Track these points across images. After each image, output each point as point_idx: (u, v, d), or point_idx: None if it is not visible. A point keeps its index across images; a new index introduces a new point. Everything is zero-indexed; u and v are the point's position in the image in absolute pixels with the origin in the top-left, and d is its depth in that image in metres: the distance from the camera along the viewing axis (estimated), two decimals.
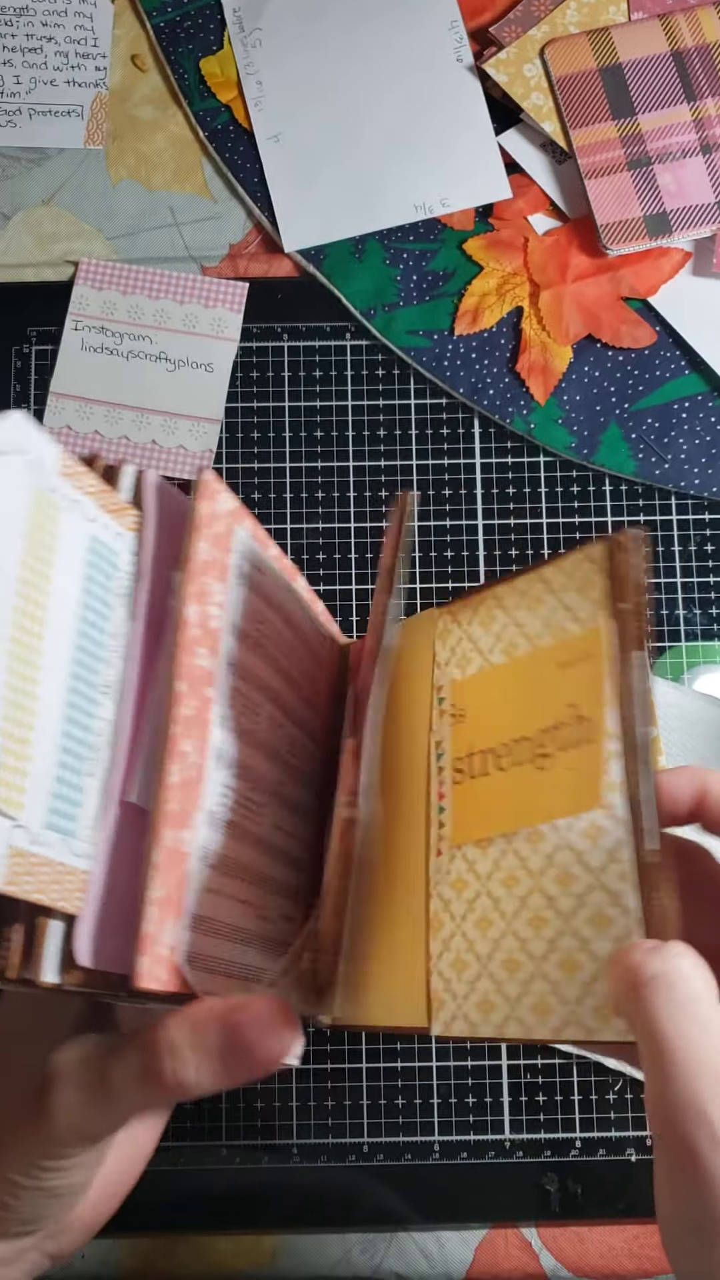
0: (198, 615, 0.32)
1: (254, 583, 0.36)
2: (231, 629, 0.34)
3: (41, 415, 0.59)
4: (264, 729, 0.36)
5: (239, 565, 0.35)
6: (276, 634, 0.37)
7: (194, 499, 0.33)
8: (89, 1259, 0.53)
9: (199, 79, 0.62)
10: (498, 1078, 0.53)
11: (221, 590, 0.34)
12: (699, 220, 0.58)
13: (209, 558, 0.33)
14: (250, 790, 0.35)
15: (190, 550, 0.32)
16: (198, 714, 0.32)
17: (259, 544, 0.37)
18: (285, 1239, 0.53)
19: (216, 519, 0.34)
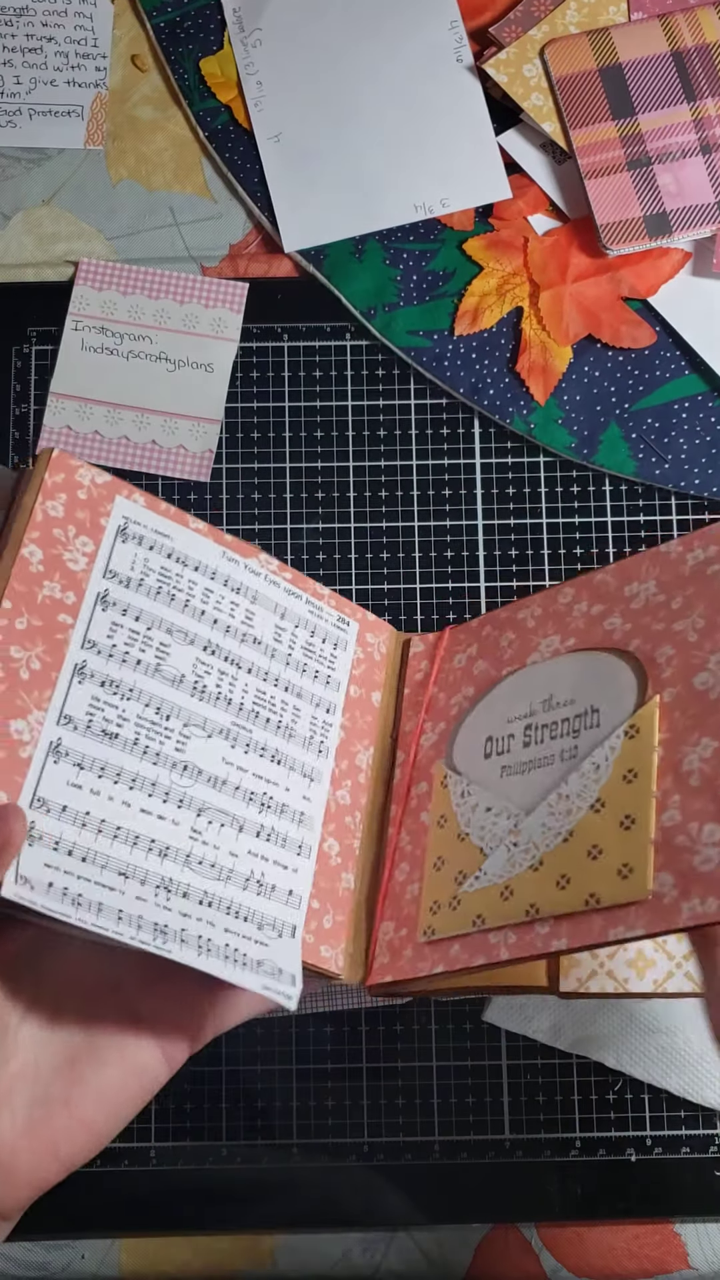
0: (41, 556, 0.43)
1: (153, 543, 0.46)
2: (107, 574, 0.45)
3: (41, 415, 0.59)
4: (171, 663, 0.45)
5: (120, 525, 0.46)
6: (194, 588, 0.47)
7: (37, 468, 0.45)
8: (89, 1259, 0.53)
9: (199, 79, 0.62)
10: (498, 1078, 0.53)
11: (88, 543, 0.45)
12: (699, 220, 0.58)
13: (63, 515, 0.45)
14: (142, 709, 0.44)
15: (23, 501, 0.44)
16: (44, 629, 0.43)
17: (161, 515, 0.47)
18: (285, 1239, 0.53)
19: (75, 486, 0.45)
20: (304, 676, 0.47)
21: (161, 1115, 0.53)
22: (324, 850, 0.46)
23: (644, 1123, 0.53)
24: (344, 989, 0.53)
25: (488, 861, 0.42)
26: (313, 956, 0.44)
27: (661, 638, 0.42)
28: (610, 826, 0.40)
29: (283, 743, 0.46)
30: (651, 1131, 0.53)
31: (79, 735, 0.43)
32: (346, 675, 0.48)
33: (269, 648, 0.47)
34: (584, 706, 0.43)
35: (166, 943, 0.41)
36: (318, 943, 0.45)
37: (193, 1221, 0.53)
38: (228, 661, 0.46)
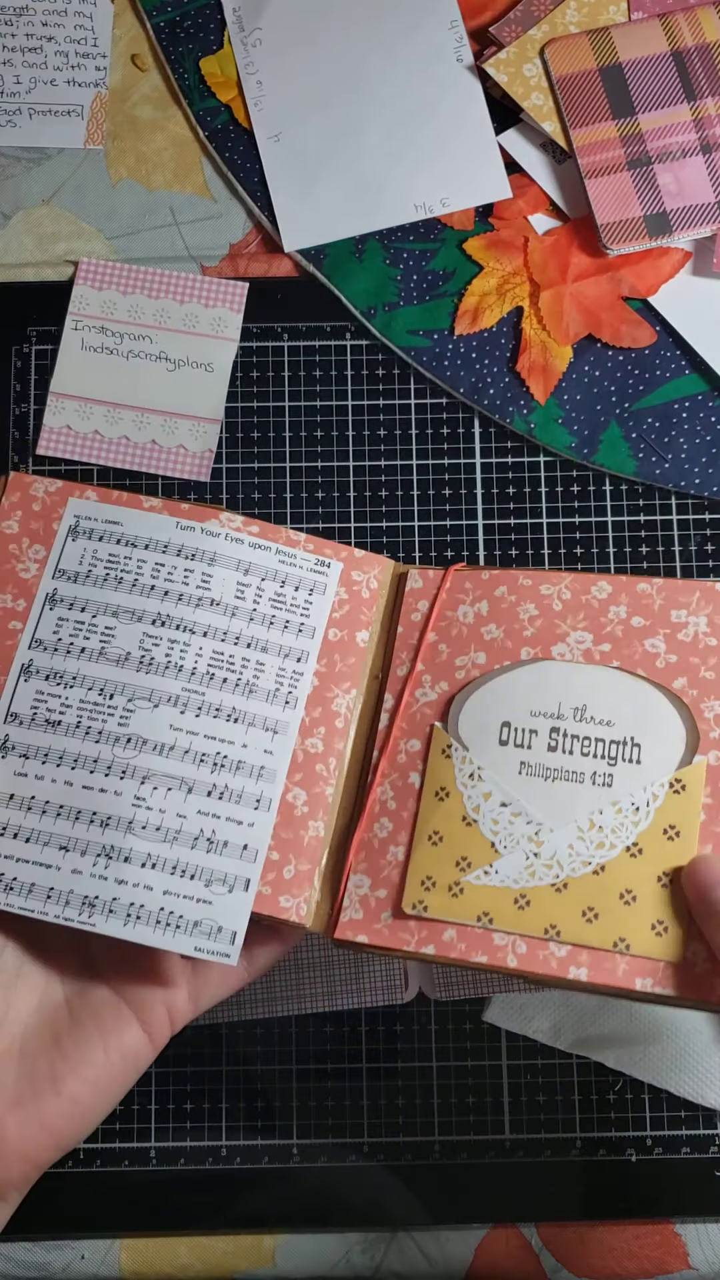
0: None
1: (102, 534, 0.48)
2: (56, 574, 0.47)
3: (41, 415, 0.59)
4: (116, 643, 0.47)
5: (71, 524, 0.48)
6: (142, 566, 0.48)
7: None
8: (89, 1259, 0.53)
9: (199, 79, 0.62)
10: (498, 1078, 0.53)
11: (40, 550, 0.48)
12: (699, 220, 0.58)
13: (18, 530, 0.48)
14: (85, 694, 0.46)
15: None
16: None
17: (113, 504, 0.49)
18: (285, 1239, 0.53)
19: (29, 501, 0.48)
20: (271, 629, 0.47)
21: (161, 1115, 0.53)
22: (287, 801, 0.46)
23: (644, 1123, 0.53)
24: (345, 989, 0.53)
25: (501, 860, 0.42)
26: (269, 907, 0.45)
27: (710, 689, 0.42)
28: (646, 877, 0.40)
29: (242, 700, 0.46)
30: (652, 1132, 0.53)
31: (24, 729, 0.46)
32: (324, 620, 0.48)
33: (228, 607, 0.47)
34: (623, 735, 0.42)
35: (92, 916, 0.43)
36: (276, 893, 0.45)
37: (193, 1222, 0.53)
38: (179, 629, 0.46)
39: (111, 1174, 0.53)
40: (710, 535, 0.58)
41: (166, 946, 0.43)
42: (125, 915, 0.43)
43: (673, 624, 0.43)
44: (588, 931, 0.40)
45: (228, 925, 0.43)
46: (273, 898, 0.45)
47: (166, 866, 0.44)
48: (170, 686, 0.46)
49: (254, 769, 0.46)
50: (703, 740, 0.41)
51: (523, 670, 0.45)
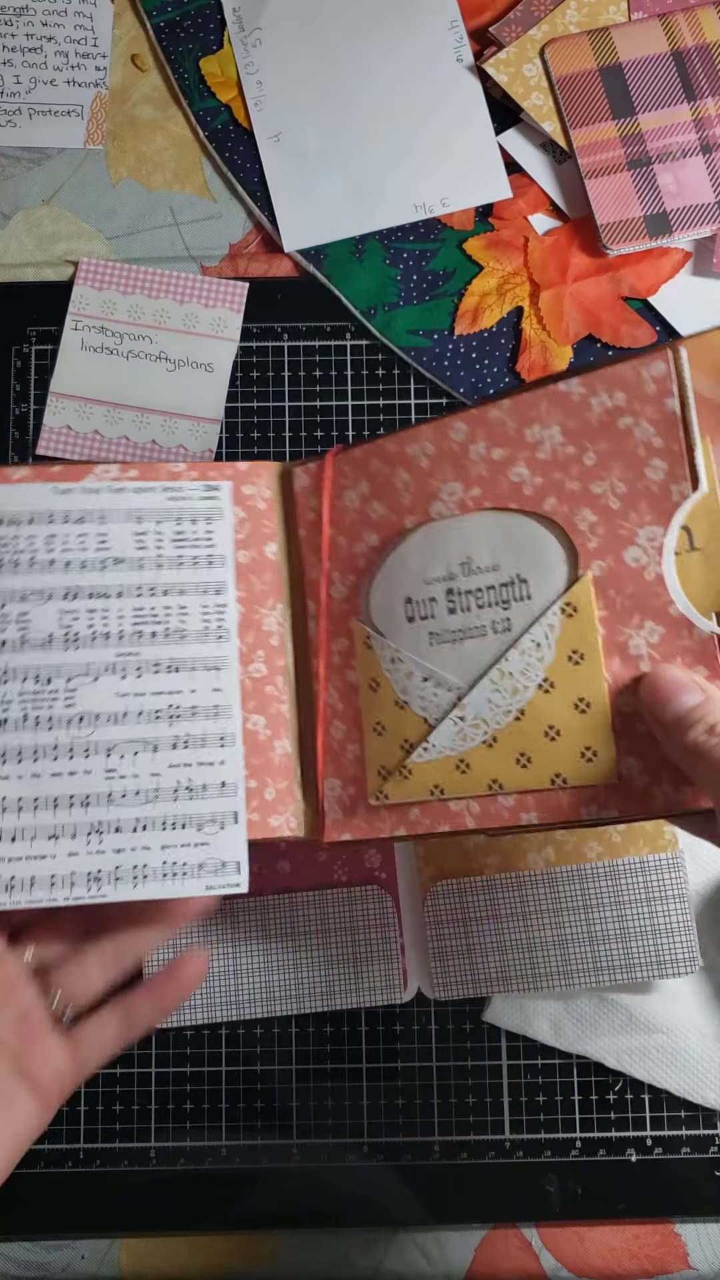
0: None
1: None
2: None
3: (41, 415, 0.59)
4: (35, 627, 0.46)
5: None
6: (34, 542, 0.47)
7: None
8: (88, 1259, 0.53)
9: (199, 79, 0.62)
10: (498, 1078, 0.53)
11: None
12: (699, 220, 0.58)
13: None
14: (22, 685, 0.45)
15: None
16: None
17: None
18: (285, 1239, 0.53)
19: None
20: (182, 570, 0.47)
21: (161, 1115, 0.53)
22: (249, 730, 0.47)
23: (644, 1123, 0.53)
24: (343, 989, 0.53)
25: (435, 734, 0.42)
26: (262, 831, 0.46)
27: (579, 499, 0.40)
28: (564, 708, 0.39)
29: (176, 648, 0.46)
30: (652, 1132, 0.53)
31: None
32: (230, 544, 0.47)
33: (135, 560, 0.46)
34: (509, 575, 0.41)
35: (102, 888, 0.44)
36: (264, 817, 0.46)
37: (192, 1221, 0.53)
38: (93, 598, 0.46)
39: (111, 1174, 0.53)
40: None
41: (180, 893, 0.44)
42: (132, 879, 0.44)
43: (529, 444, 0.41)
44: (525, 776, 0.40)
45: (229, 858, 0.44)
46: (262, 822, 0.46)
47: (156, 824, 0.45)
48: (103, 656, 0.46)
49: (209, 710, 0.46)
50: (582, 555, 0.40)
51: (408, 542, 0.44)
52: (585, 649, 0.39)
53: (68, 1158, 0.53)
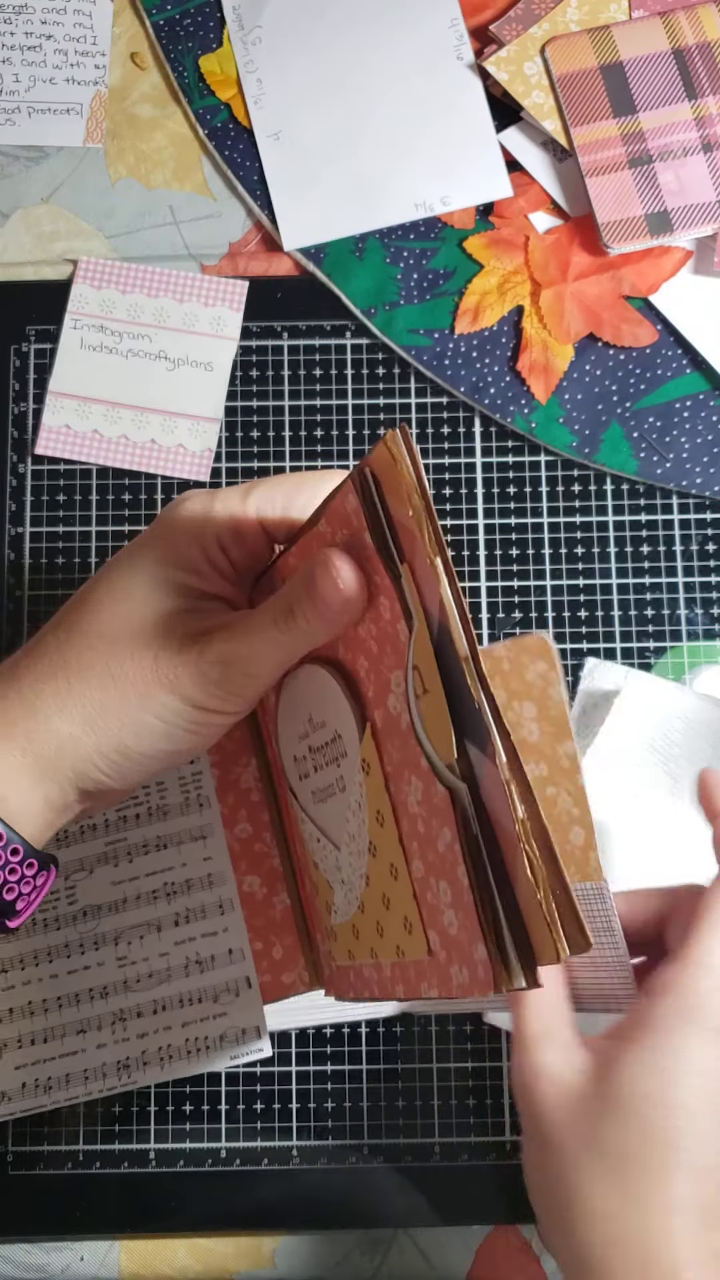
0: None
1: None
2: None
3: (40, 414, 0.58)
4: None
5: None
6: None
7: None
8: (88, 1261, 0.53)
9: (198, 77, 0.61)
10: (499, 1079, 0.53)
11: None
12: (700, 218, 0.58)
13: None
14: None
15: None
16: None
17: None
18: (285, 1240, 0.53)
19: None
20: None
21: (161, 1116, 0.53)
22: (245, 892, 0.48)
23: None
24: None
25: (334, 894, 0.40)
26: (277, 991, 0.47)
27: (356, 645, 0.36)
28: (385, 875, 0.35)
29: (160, 825, 0.48)
30: None
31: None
32: None
33: None
34: (332, 731, 0.38)
35: (132, 1075, 0.47)
36: (276, 976, 0.47)
37: (192, 1223, 0.53)
38: None
39: (111, 1175, 0.53)
40: (711, 535, 0.57)
41: (205, 1069, 0.47)
42: (159, 1061, 0.46)
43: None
44: (384, 945, 0.36)
45: (249, 1024, 0.47)
46: (275, 981, 0.47)
47: (174, 1003, 0.47)
48: (93, 848, 0.48)
49: (202, 879, 0.48)
50: (367, 706, 0.36)
51: (283, 698, 0.42)
52: (383, 809, 0.35)
53: (67, 1159, 0.53)
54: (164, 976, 0.47)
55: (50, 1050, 0.47)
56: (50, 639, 0.38)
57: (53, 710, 0.37)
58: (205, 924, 0.48)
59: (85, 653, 0.37)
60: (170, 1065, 0.47)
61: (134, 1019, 0.47)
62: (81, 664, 0.37)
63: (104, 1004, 0.47)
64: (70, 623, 0.38)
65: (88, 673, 0.37)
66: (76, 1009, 0.47)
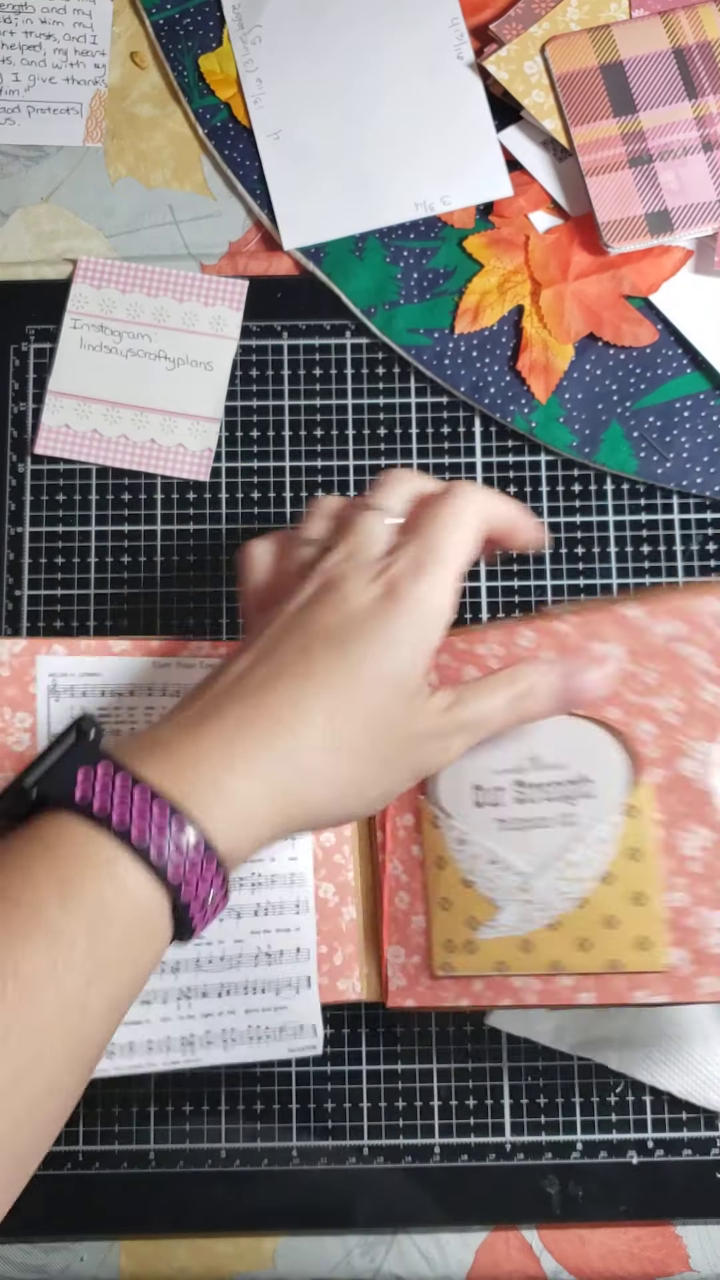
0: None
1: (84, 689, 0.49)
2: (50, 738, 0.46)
3: (40, 414, 0.58)
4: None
5: (49, 685, 0.48)
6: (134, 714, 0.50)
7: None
8: (88, 1261, 0.53)
9: (198, 76, 0.61)
10: (498, 1079, 0.53)
11: (27, 718, 0.47)
12: (701, 218, 0.58)
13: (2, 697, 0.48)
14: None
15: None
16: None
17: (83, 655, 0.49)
18: (285, 1241, 0.53)
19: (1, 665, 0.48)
20: None
21: (161, 1117, 0.53)
22: (320, 897, 0.50)
23: (645, 1125, 0.53)
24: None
25: (501, 914, 0.45)
26: (331, 995, 0.49)
27: (640, 712, 0.44)
28: (622, 900, 0.43)
29: None
30: (653, 1134, 0.53)
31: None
32: None
33: None
34: (575, 774, 0.45)
35: (195, 1052, 0.47)
36: (333, 981, 0.50)
37: (192, 1223, 0.53)
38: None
39: (111, 1175, 0.53)
40: (712, 535, 0.57)
41: (263, 1057, 0.48)
42: (222, 1042, 0.47)
43: (594, 658, 0.45)
44: (585, 960, 0.43)
45: (306, 1021, 0.48)
46: (331, 985, 0.49)
47: (239, 989, 0.48)
48: None
49: (286, 877, 0.50)
50: (642, 762, 0.43)
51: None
52: (643, 847, 0.43)
53: (67, 1159, 0.53)
54: (234, 962, 0.48)
55: None
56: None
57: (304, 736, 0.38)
58: (281, 919, 0.49)
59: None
60: (232, 1048, 0.48)
61: (199, 998, 0.48)
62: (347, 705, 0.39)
63: (173, 979, 0.48)
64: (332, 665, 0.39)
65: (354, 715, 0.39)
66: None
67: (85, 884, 0.34)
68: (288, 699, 0.38)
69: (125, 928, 0.34)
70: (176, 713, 0.39)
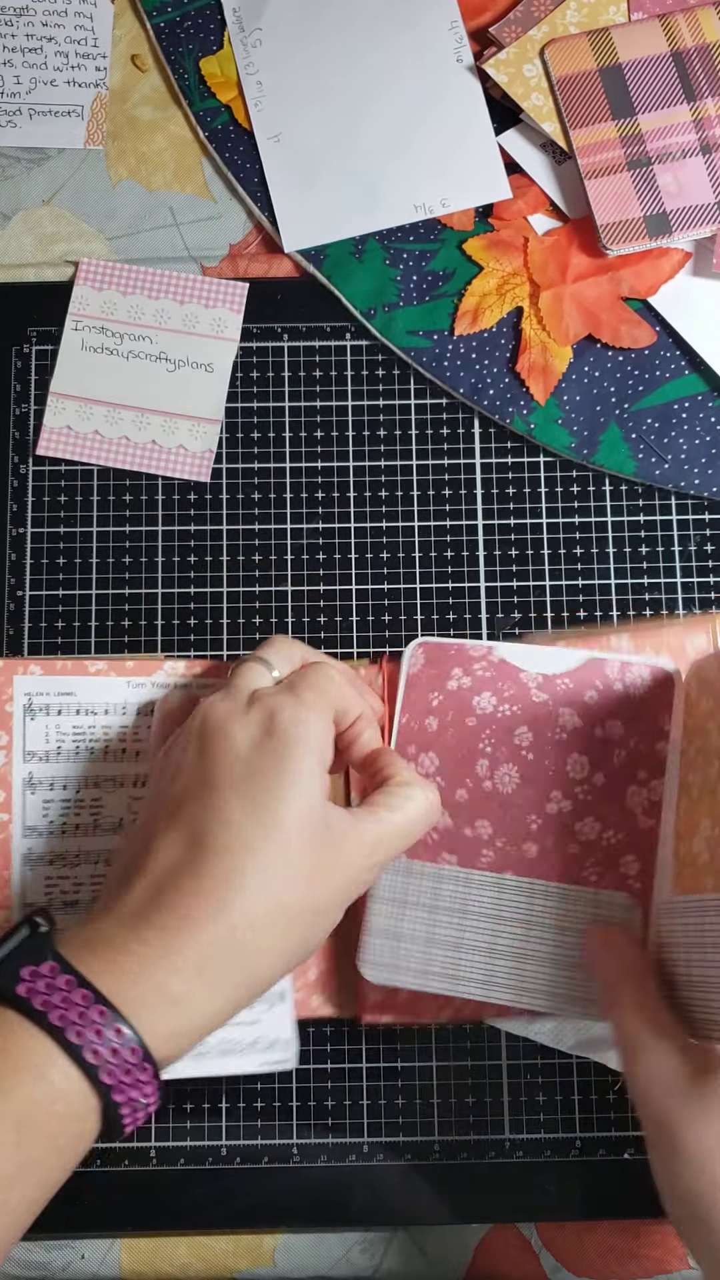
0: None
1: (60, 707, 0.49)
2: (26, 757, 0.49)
3: (41, 415, 0.59)
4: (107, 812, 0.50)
5: (25, 703, 0.49)
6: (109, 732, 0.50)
7: None
8: (89, 1259, 0.53)
9: (199, 79, 0.62)
10: (498, 1078, 0.53)
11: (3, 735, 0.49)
12: (699, 220, 0.58)
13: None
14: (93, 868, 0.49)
15: None
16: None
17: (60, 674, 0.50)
18: (285, 1239, 0.53)
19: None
20: None
21: (161, 1115, 0.53)
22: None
23: None
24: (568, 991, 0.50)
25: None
26: (306, 1010, 0.50)
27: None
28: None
29: None
30: None
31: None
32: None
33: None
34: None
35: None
36: (307, 996, 0.50)
37: (193, 1221, 0.53)
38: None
39: (111, 1174, 0.53)
40: (710, 535, 0.58)
41: (234, 1070, 0.48)
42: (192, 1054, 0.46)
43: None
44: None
45: (278, 1035, 0.49)
46: (305, 1000, 0.50)
47: None
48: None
49: None
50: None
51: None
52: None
53: None
54: None
55: None
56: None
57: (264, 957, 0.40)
58: None
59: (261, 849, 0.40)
60: (204, 1061, 0.48)
61: None
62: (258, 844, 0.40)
63: None
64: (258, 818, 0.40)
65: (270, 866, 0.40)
66: None
67: (18, 1081, 0.35)
68: (221, 878, 0.39)
69: (52, 1127, 0.35)
70: (116, 897, 0.40)
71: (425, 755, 0.50)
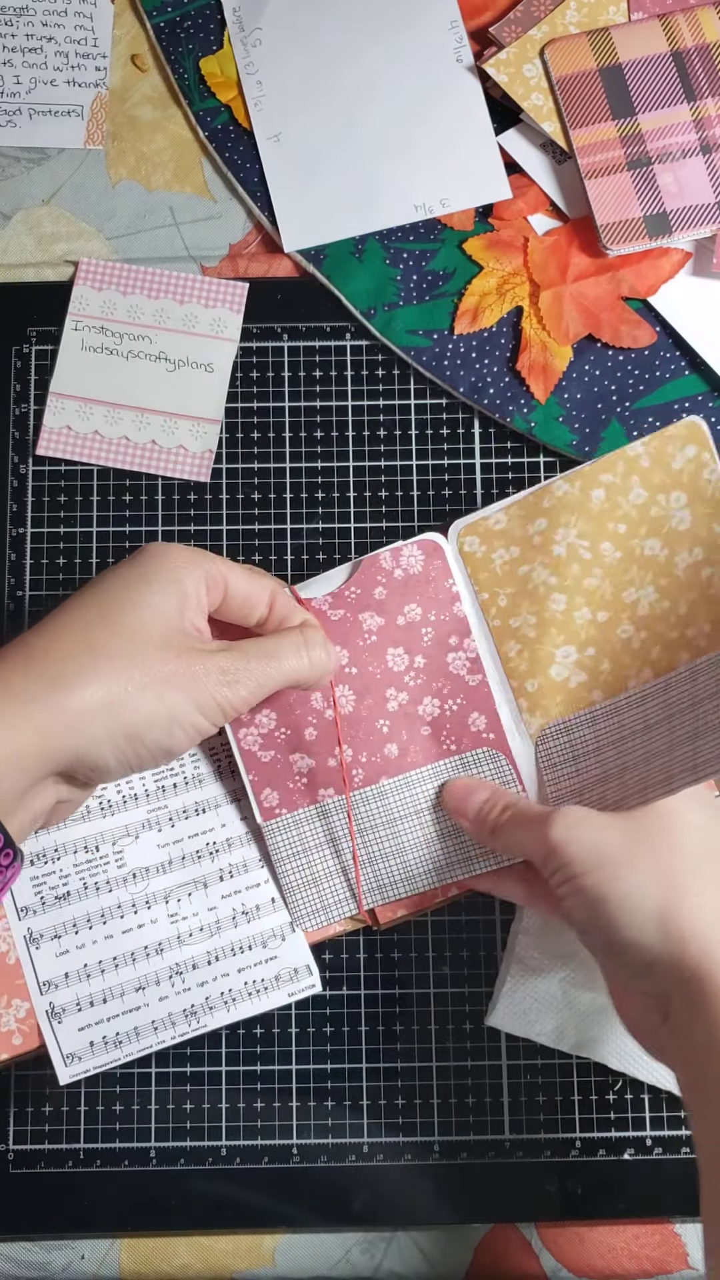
0: None
1: None
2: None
3: (41, 415, 0.59)
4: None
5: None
6: None
7: None
8: (89, 1259, 0.53)
9: (199, 79, 0.62)
10: (498, 1078, 0.53)
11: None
12: (699, 220, 0.58)
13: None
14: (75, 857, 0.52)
15: None
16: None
17: None
18: (285, 1239, 0.53)
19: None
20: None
21: (161, 1115, 0.53)
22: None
23: (643, 1123, 0.53)
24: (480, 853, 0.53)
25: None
26: (319, 932, 0.52)
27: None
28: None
29: (198, 792, 0.52)
30: (651, 1132, 0.53)
31: (41, 915, 0.50)
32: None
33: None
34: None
35: (201, 1019, 0.50)
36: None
37: (193, 1221, 0.53)
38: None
39: (111, 1174, 0.53)
40: None
41: (267, 1007, 0.51)
42: (224, 1005, 0.50)
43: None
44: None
45: (298, 963, 0.51)
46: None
47: (226, 952, 0.51)
48: (137, 815, 0.52)
49: (242, 836, 0.52)
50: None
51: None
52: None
53: (68, 1158, 0.53)
54: (214, 929, 0.51)
55: (111, 1009, 0.50)
56: (73, 622, 0.42)
57: (76, 686, 0.41)
58: (248, 877, 0.51)
59: (115, 639, 0.42)
60: (235, 1007, 0.50)
61: (190, 970, 0.50)
62: (110, 649, 0.42)
63: (160, 959, 0.50)
64: (101, 611, 0.43)
65: (115, 657, 0.41)
66: (133, 967, 0.50)
67: None
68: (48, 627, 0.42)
69: None
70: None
71: (263, 715, 0.52)
